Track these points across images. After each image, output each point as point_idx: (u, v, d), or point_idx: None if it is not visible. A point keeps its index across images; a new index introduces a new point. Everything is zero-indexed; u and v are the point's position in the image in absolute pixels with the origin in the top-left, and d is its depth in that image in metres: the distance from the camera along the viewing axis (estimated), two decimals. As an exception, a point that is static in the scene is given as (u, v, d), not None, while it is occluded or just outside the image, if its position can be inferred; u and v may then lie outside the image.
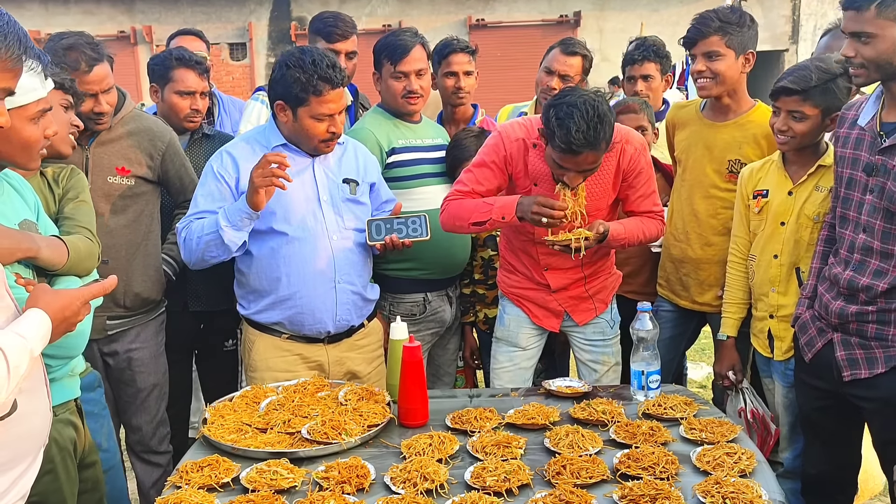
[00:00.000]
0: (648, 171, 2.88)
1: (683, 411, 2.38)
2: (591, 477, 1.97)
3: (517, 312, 3.00)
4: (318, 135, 2.67)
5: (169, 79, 3.31)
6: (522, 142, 2.79)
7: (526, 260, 2.94)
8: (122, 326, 2.98)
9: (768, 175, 2.84)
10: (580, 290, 2.95)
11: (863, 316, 2.42)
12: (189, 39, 4.03)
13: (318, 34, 3.46)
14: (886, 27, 2.19)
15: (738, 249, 2.94)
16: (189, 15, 14.18)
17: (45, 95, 1.97)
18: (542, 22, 14.11)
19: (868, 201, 2.37)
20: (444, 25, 13.77)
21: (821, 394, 2.60)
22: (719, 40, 2.92)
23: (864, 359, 2.44)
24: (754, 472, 2.01)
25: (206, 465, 2.08)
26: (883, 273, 2.35)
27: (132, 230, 2.98)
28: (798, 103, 2.63)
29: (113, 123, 2.93)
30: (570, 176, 2.62)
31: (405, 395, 2.38)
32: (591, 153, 2.53)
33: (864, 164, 2.38)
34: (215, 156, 2.79)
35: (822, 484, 2.75)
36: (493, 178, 2.81)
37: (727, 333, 2.98)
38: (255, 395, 2.54)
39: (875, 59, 2.24)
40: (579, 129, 2.44)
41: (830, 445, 2.70)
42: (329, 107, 2.63)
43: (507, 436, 2.22)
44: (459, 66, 3.40)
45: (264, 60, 14.43)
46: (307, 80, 2.58)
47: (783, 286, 2.79)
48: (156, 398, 3.11)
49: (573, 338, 3.06)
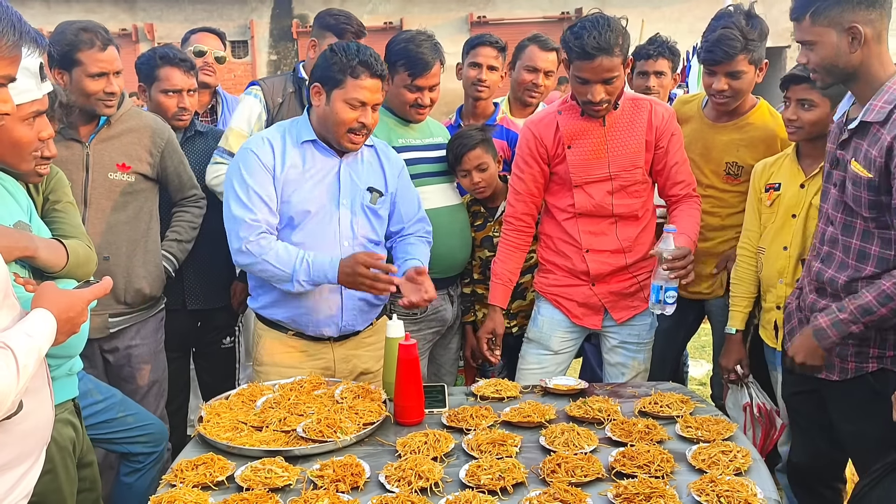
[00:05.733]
0: (680, 137, 2.95)
1: (680, 409, 2.38)
2: (586, 475, 1.96)
3: (552, 314, 3.00)
4: (346, 121, 2.58)
5: (155, 78, 3.29)
6: (548, 116, 2.92)
7: (566, 248, 2.95)
8: (123, 323, 2.99)
9: (781, 169, 2.86)
10: (621, 285, 2.96)
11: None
12: (206, 37, 4.00)
13: (328, 29, 3.42)
14: (823, 34, 2.25)
15: (749, 243, 2.95)
16: (191, 13, 14.15)
17: (39, 97, 1.96)
18: (543, 19, 14.06)
19: (832, 194, 2.42)
20: (446, 23, 13.73)
21: (798, 378, 2.62)
22: (743, 59, 2.93)
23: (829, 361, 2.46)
24: (749, 470, 2.00)
25: (200, 463, 2.07)
26: (844, 266, 2.38)
27: (132, 227, 2.98)
28: (807, 91, 2.67)
29: (113, 120, 2.93)
30: (593, 90, 2.71)
31: (401, 393, 2.37)
32: (605, 57, 2.64)
33: (830, 156, 2.44)
34: (255, 141, 2.65)
35: (806, 475, 2.77)
36: (533, 171, 2.95)
37: (735, 327, 2.98)
38: (252, 392, 2.54)
39: (821, 63, 2.29)
40: (591, 34, 2.63)
41: (809, 434, 2.73)
42: (364, 94, 2.57)
43: (502, 434, 2.21)
44: (485, 58, 3.45)
45: (266, 58, 14.41)
46: (347, 62, 2.55)
47: (790, 278, 2.80)
48: (155, 395, 3.11)
49: (606, 339, 3.06)
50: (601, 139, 2.86)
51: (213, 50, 3.94)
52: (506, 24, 13.83)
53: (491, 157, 3.18)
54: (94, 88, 2.81)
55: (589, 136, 2.86)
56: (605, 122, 2.85)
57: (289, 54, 14.35)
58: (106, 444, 2.69)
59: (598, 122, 2.85)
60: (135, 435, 2.68)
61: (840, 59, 2.26)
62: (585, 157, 2.87)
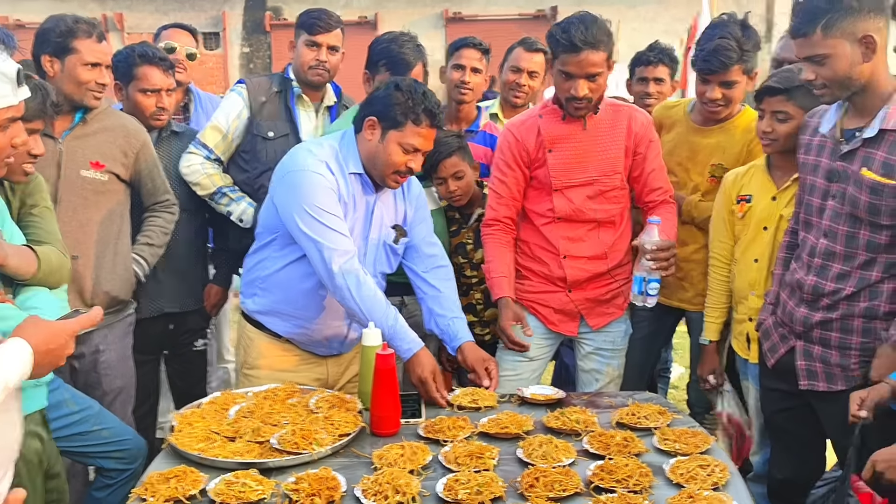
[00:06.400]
0: (658, 144, 2.97)
1: (657, 421, 2.37)
2: (565, 490, 1.94)
3: (529, 321, 2.98)
4: (397, 164, 2.55)
5: (133, 76, 3.23)
6: (529, 119, 2.92)
7: (543, 254, 2.94)
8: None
9: (752, 180, 2.86)
10: (597, 292, 2.95)
11: (827, 324, 2.44)
12: (177, 33, 3.92)
13: (302, 27, 3.41)
14: (837, 45, 2.23)
15: (721, 254, 2.95)
16: (161, 3, 13.94)
17: (15, 103, 1.89)
18: (519, 16, 14.05)
19: (830, 206, 2.41)
20: (421, 18, 13.66)
21: (783, 396, 2.64)
22: (738, 69, 2.94)
23: (824, 373, 2.49)
24: (727, 484, 2.00)
25: (172, 476, 2.02)
26: (846, 276, 2.39)
27: (103, 227, 2.92)
28: (782, 103, 2.66)
29: (89, 118, 2.88)
30: (577, 85, 2.70)
31: (377, 404, 2.34)
32: (591, 51, 2.66)
33: (826, 170, 2.42)
34: (312, 161, 2.53)
35: (788, 490, 2.77)
36: (515, 174, 2.93)
37: (709, 338, 3.00)
38: (225, 400, 2.49)
39: (834, 77, 2.27)
40: (579, 28, 2.66)
41: (795, 450, 2.73)
42: (420, 141, 2.55)
43: (479, 446, 2.19)
44: (469, 60, 3.43)
45: (238, 50, 14.24)
46: (412, 106, 2.51)
47: (762, 290, 2.81)
48: (122, 402, 3.05)
49: (581, 345, 3.05)
50: (582, 143, 2.85)
51: (185, 46, 3.88)
52: (481, 20, 13.81)
53: (468, 164, 3.15)
54: (87, 78, 2.81)
55: (570, 139, 2.86)
56: (587, 125, 2.84)
57: (262, 47, 14.20)
58: (79, 457, 2.63)
59: (580, 126, 2.85)
60: (110, 450, 2.62)
61: (853, 70, 2.24)
62: (567, 161, 2.86)
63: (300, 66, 3.39)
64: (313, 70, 3.37)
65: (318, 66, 3.36)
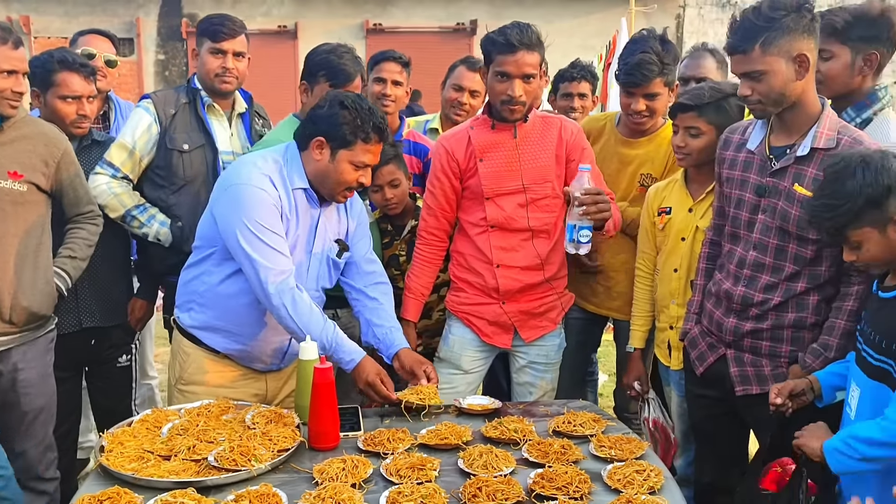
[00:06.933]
0: (591, 151, 3.03)
1: (592, 428, 2.43)
2: (507, 498, 1.97)
3: (463, 333, 3.01)
4: (348, 181, 2.57)
5: (52, 83, 3.10)
6: (460, 132, 2.98)
7: (478, 264, 2.96)
8: (8, 344, 2.78)
9: (672, 193, 2.96)
10: (531, 304, 2.98)
11: (757, 333, 2.55)
12: (96, 39, 3.79)
13: (204, 35, 3.33)
14: (773, 62, 2.32)
15: (645, 264, 3.05)
16: (71, 6, 13.49)
17: None
18: (439, 28, 14.18)
19: (761, 220, 2.51)
20: (341, 28, 13.61)
21: (711, 402, 2.73)
22: (660, 81, 3.05)
23: (755, 375, 2.58)
24: (662, 488, 2.07)
25: (105, 498, 1.95)
26: (773, 287, 2.49)
27: (22, 240, 2.79)
28: (694, 119, 2.79)
29: (6, 126, 2.75)
30: (513, 85, 2.75)
31: (316, 418, 2.32)
32: (527, 52, 2.74)
33: (755, 185, 2.52)
34: (256, 176, 2.51)
35: (715, 492, 2.87)
36: (444, 186, 2.97)
37: (635, 345, 3.08)
38: (157, 418, 2.42)
39: (769, 93, 2.36)
40: (514, 30, 2.75)
41: (721, 454, 2.83)
42: (370, 157, 2.57)
43: (420, 458, 2.20)
44: (389, 73, 3.47)
45: (153, 57, 13.89)
46: (361, 125, 2.50)
47: (682, 299, 2.90)
48: (43, 422, 2.91)
49: (515, 358, 3.08)
50: (513, 151, 2.90)
51: (104, 53, 3.77)
52: (402, 32, 13.87)
53: (403, 172, 3.17)
54: (3, 86, 2.67)
55: (501, 148, 2.91)
56: (517, 134, 2.89)
57: (178, 54, 13.89)
58: None
59: (510, 135, 2.89)
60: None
61: (787, 87, 2.34)
62: (497, 169, 2.91)
63: (206, 75, 3.31)
64: (220, 78, 3.30)
65: (225, 73, 3.29)
